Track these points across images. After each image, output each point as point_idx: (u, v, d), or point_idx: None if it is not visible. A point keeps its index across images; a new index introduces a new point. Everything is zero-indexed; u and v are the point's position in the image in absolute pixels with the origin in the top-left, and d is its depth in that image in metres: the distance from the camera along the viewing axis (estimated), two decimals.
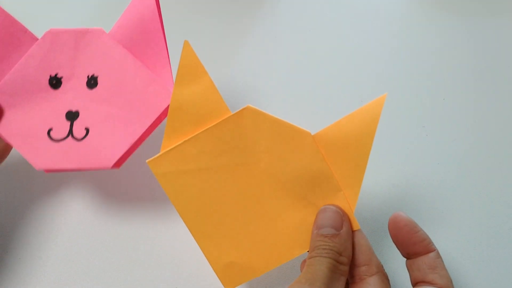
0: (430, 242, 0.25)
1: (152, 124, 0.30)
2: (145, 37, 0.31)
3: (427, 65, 0.41)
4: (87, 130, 0.30)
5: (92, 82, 0.30)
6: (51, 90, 0.31)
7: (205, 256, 0.26)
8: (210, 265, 0.26)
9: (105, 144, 0.29)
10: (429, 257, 0.25)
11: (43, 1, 0.49)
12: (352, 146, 0.25)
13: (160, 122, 0.31)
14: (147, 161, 0.26)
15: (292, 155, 0.26)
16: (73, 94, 0.30)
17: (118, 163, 0.29)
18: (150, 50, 0.31)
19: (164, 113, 0.30)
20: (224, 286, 0.26)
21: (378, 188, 0.34)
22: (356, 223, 0.25)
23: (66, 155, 0.29)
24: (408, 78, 0.40)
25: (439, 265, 0.24)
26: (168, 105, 0.28)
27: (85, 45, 0.31)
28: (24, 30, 0.31)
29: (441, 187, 0.33)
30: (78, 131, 0.30)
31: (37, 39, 0.31)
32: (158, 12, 0.31)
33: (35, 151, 0.29)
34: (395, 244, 0.26)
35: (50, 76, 0.31)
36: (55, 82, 0.31)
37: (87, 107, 0.30)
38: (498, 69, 0.40)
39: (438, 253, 0.25)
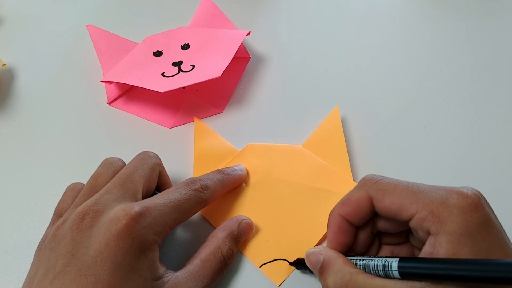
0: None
1: (235, 56, 0.38)
2: (213, 18, 0.44)
3: (427, 65, 0.41)
4: (193, 66, 0.38)
5: (185, 46, 0.41)
6: (156, 58, 0.40)
7: (251, 259, 0.30)
8: (257, 266, 0.30)
9: (209, 66, 0.37)
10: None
11: (43, 1, 0.50)
12: (330, 141, 0.35)
13: (241, 72, 0.41)
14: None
15: (294, 163, 0.34)
16: (173, 55, 0.40)
17: (222, 80, 0.38)
18: (219, 24, 0.43)
19: (239, 52, 0.41)
20: (274, 283, 0.29)
21: None
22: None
23: (179, 80, 0.37)
24: (408, 78, 0.40)
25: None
26: (239, 45, 0.39)
27: (173, 35, 0.42)
28: (128, 43, 0.42)
29: None
30: (185, 68, 0.38)
31: (137, 44, 0.42)
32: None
33: (154, 83, 0.36)
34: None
35: (153, 51, 0.41)
36: (157, 53, 0.41)
37: (187, 57, 0.39)
38: (498, 69, 0.40)
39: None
